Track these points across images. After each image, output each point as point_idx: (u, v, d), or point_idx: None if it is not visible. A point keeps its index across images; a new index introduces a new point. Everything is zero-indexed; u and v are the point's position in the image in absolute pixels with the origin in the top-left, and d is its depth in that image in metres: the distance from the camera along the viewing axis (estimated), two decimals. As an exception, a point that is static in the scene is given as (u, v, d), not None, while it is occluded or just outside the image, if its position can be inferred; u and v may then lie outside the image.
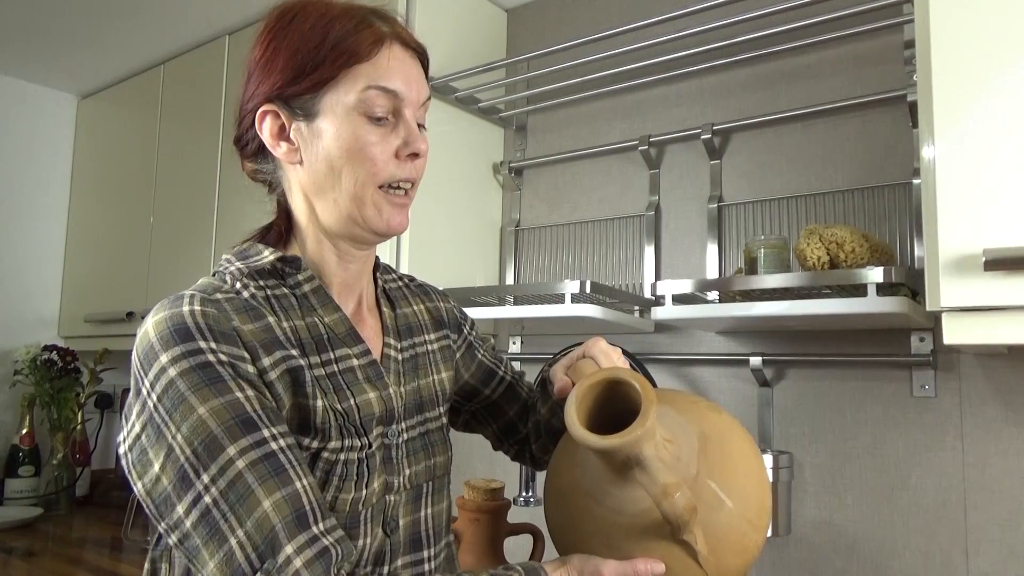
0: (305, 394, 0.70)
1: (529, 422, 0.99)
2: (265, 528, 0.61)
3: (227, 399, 0.64)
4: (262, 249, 0.77)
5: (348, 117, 0.73)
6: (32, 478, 2.16)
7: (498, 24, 1.84)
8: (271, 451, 0.64)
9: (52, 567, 1.58)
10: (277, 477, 0.63)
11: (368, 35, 0.74)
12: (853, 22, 1.28)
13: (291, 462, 0.65)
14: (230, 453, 0.62)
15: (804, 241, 1.15)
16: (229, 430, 0.63)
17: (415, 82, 0.76)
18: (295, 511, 0.62)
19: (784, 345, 1.37)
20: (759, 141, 1.44)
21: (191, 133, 2.03)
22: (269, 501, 0.62)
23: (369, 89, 0.73)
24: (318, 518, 0.64)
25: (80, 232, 2.41)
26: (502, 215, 1.81)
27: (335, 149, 0.73)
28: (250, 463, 0.63)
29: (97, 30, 2.01)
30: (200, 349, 0.66)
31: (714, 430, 0.74)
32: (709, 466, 0.70)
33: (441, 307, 0.94)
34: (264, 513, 0.61)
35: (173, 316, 0.68)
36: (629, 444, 0.65)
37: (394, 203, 0.76)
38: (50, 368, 2.21)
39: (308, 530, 0.62)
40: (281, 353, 0.70)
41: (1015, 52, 0.83)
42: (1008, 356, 1.16)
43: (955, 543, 1.17)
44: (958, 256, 0.84)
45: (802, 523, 1.31)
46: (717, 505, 0.68)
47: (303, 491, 0.64)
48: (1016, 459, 1.13)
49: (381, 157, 0.74)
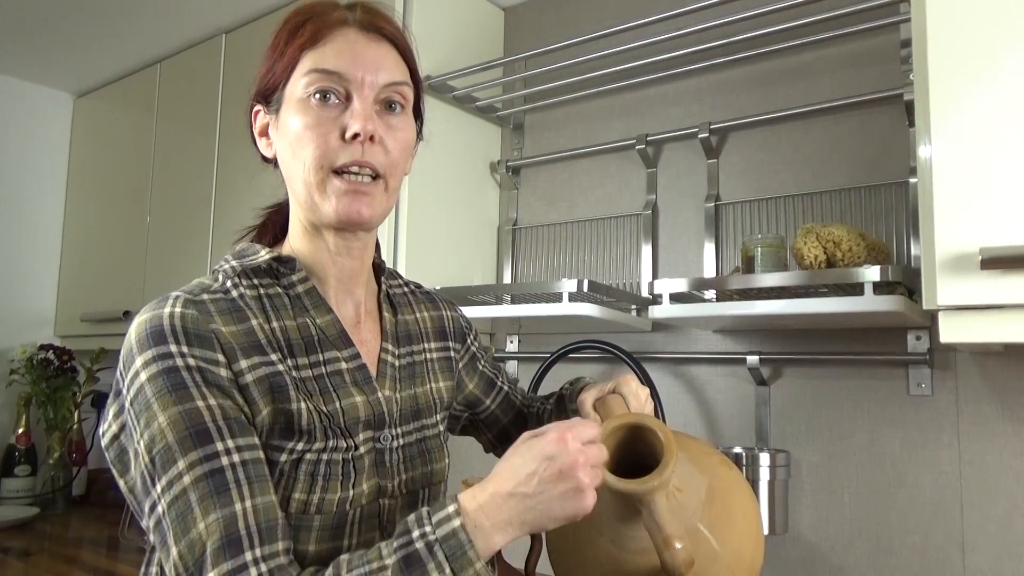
0: (287, 399, 0.70)
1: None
2: (196, 550, 0.61)
3: (186, 407, 0.64)
4: (259, 249, 0.77)
5: (299, 104, 0.74)
6: (28, 477, 2.16)
7: (495, 23, 1.84)
8: (219, 467, 0.63)
9: (49, 567, 1.58)
10: (217, 497, 0.62)
11: (320, 22, 0.75)
12: (850, 21, 1.28)
13: (238, 480, 0.64)
14: (180, 467, 0.63)
15: (801, 240, 1.15)
16: (182, 442, 0.63)
17: (369, 63, 0.74)
18: (227, 535, 0.61)
19: (781, 344, 1.37)
20: (756, 140, 1.44)
21: (188, 132, 2.03)
22: (203, 523, 0.61)
23: (311, 72, 0.73)
24: (254, 543, 0.62)
25: (76, 231, 2.41)
26: (500, 214, 1.81)
27: (291, 136, 0.74)
28: (194, 480, 0.62)
29: (93, 29, 2.00)
30: (170, 353, 0.66)
31: (721, 485, 0.77)
32: (711, 519, 0.73)
33: (446, 316, 0.95)
34: (197, 534, 0.61)
35: (152, 318, 0.68)
36: (646, 492, 0.68)
37: (347, 189, 0.73)
38: (46, 367, 2.21)
39: (237, 557, 0.60)
40: (260, 359, 0.70)
41: (1011, 51, 0.84)
42: (1004, 354, 1.16)
43: (951, 541, 1.18)
44: (954, 255, 0.84)
45: (799, 521, 1.31)
46: (712, 557, 0.71)
47: (243, 513, 0.62)
48: (1012, 457, 1.14)
49: (323, 140, 0.72)
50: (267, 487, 0.66)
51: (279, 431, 0.69)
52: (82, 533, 1.90)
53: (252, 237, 0.84)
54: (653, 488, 0.67)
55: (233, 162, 1.86)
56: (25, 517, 1.95)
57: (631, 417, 0.75)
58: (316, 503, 0.70)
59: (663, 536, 0.67)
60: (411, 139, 0.79)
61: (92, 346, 2.24)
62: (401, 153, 0.77)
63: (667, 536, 0.67)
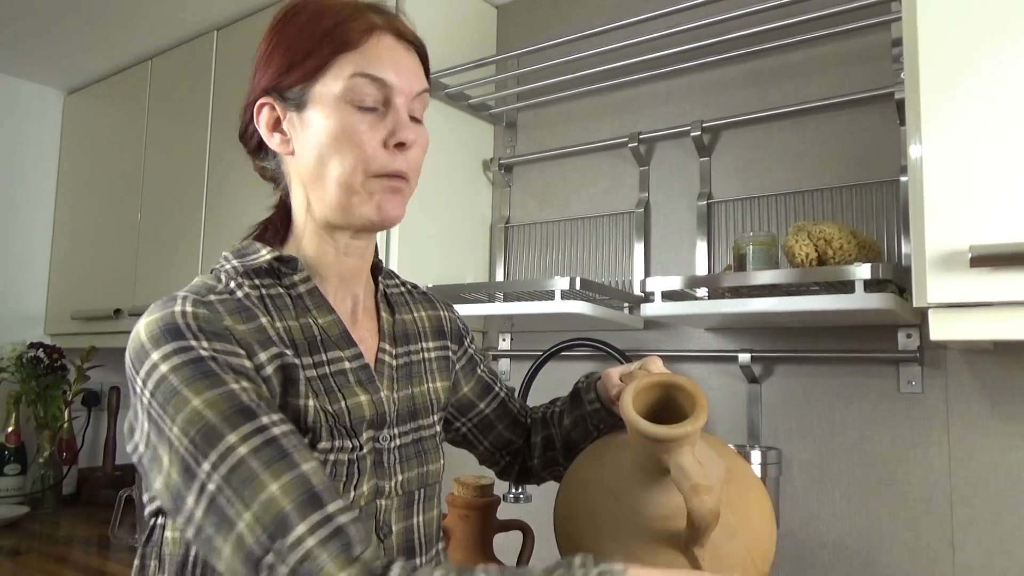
0: (297, 393, 0.70)
1: (534, 436, 1.00)
2: (274, 509, 0.59)
3: (221, 390, 0.64)
4: (260, 248, 0.77)
5: (336, 105, 0.73)
6: (18, 476, 2.15)
7: (488, 20, 1.84)
8: (273, 436, 0.63)
9: (39, 566, 1.57)
10: (283, 460, 0.62)
11: (359, 24, 0.74)
12: (841, 20, 1.29)
13: (295, 446, 0.64)
14: (231, 440, 0.62)
15: (792, 238, 1.15)
16: (227, 419, 0.63)
17: (407, 72, 0.75)
18: (306, 491, 0.61)
19: (772, 341, 1.38)
20: (748, 138, 1.44)
21: (179, 129, 2.02)
22: (276, 484, 0.60)
23: (356, 76, 0.73)
24: (333, 497, 0.62)
25: (67, 229, 2.39)
26: (492, 212, 1.81)
27: (323, 137, 0.73)
28: (253, 449, 0.62)
29: (84, 25, 1.99)
30: (191, 347, 0.66)
31: (739, 470, 0.76)
32: (729, 497, 0.72)
33: (443, 317, 0.94)
34: (272, 495, 0.60)
35: (164, 317, 0.68)
36: (679, 436, 0.66)
37: (388, 188, 0.74)
38: (36, 365, 2.19)
39: (322, 509, 0.60)
40: (276, 349, 0.70)
41: (1002, 50, 0.84)
42: (994, 352, 1.16)
43: (941, 538, 1.18)
44: (945, 253, 0.84)
45: (790, 518, 1.32)
46: (729, 534, 0.69)
47: (311, 472, 0.62)
48: (1001, 454, 1.14)
49: (369, 145, 0.73)
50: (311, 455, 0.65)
51: None
52: (72, 532, 1.89)
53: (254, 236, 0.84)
54: (685, 434, 0.66)
55: (224, 160, 1.85)
56: (15, 516, 1.94)
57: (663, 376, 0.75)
58: None
59: (691, 484, 0.65)
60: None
61: (82, 344, 2.22)
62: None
63: (696, 484, 0.65)
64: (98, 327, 2.14)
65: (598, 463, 0.79)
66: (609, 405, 0.89)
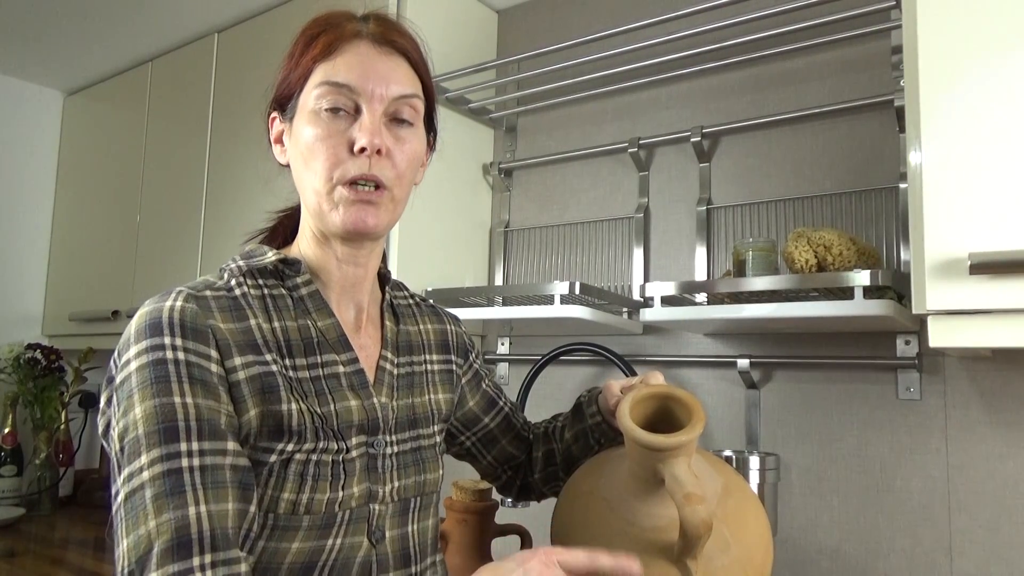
0: (278, 399, 0.70)
1: (536, 451, 1.00)
2: (143, 547, 0.60)
3: (162, 401, 0.65)
4: (266, 250, 0.79)
5: (310, 115, 0.76)
6: (14, 478, 2.14)
7: (489, 25, 1.84)
8: (178, 468, 0.63)
9: (34, 568, 1.56)
10: (173, 497, 0.62)
11: (334, 33, 0.77)
12: (842, 27, 1.29)
13: (194, 484, 0.63)
14: (141, 462, 0.63)
15: (792, 244, 1.15)
16: (149, 436, 0.64)
17: (379, 77, 0.75)
18: (177, 538, 0.60)
19: (771, 347, 1.38)
20: (748, 144, 1.44)
21: (179, 131, 2.02)
22: (155, 521, 0.61)
23: (322, 85, 0.75)
24: (204, 549, 0.61)
25: (65, 230, 2.39)
26: (492, 216, 1.81)
27: (301, 147, 0.76)
28: (152, 477, 0.62)
29: (84, 26, 1.99)
30: (163, 345, 0.67)
31: (737, 487, 0.77)
32: (725, 512, 0.72)
33: (450, 331, 0.95)
34: (147, 532, 0.61)
35: (153, 311, 0.70)
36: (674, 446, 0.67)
37: (354, 199, 0.74)
38: (33, 367, 2.19)
39: (185, 560, 0.60)
40: (254, 357, 0.71)
41: (1001, 58, 0.84)
42: (992, 359, 1.17)
43: (939, 545, 1.18)
44: (944, 260, 0.84)
45: (788, 525, 1.32)
46: (723, 548, 0.70)
47: (197, 518, 0.62)
48: (999, 461, 1.14)
49: (335, 152, 0.74)
50: (225, 495, 0.64)
51: (267, 433, 0.70)
52: (68, 534, 1.89)
53: (262, 239, 0.86)
54: (680, 444, 0.67)
55: (224, 162, 1.85)
56: (11, 518, 1.93)
57: (661, 387, 0.76)
58: (305, 503, 0.70)
59: (685, 492, 0.65)
60: (419, 151, 0.80)
61: (80, 346, 2.22)
62: (409, 165, 0.78)
63: (689, 493, 0.65)
64: (96, 328, 2.14)
65: (596, 474, 0.80)
66: (610, 418, 0.90)
